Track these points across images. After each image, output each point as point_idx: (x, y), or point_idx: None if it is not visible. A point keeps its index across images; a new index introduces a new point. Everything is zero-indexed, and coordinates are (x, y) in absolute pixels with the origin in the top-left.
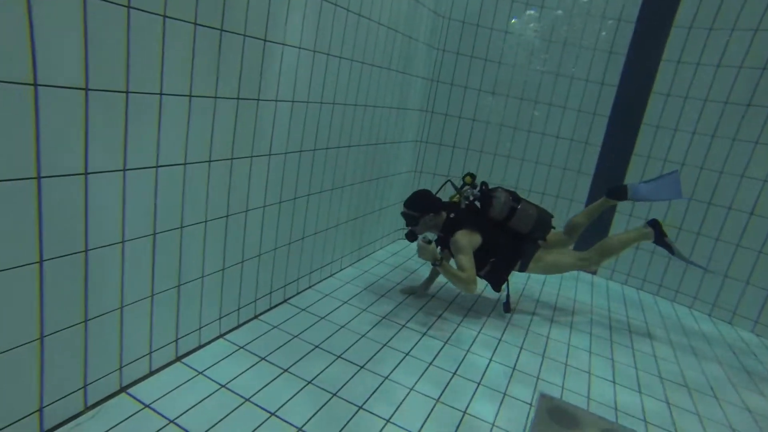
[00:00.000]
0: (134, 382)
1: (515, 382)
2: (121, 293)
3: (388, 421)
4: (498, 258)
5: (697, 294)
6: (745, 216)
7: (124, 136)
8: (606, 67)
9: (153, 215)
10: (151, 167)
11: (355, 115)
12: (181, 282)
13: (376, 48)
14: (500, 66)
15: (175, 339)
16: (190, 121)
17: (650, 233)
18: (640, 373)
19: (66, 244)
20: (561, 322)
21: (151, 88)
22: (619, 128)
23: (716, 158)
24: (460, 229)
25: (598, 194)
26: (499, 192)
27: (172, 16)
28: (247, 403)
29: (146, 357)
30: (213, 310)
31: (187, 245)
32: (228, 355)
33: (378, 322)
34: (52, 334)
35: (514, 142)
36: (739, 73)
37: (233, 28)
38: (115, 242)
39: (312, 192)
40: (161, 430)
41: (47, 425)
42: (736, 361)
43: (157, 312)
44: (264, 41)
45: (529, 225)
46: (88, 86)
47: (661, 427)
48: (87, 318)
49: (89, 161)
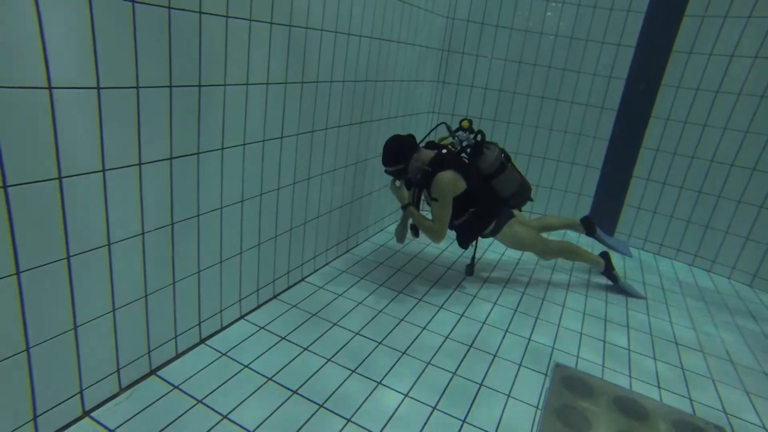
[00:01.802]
0: (163, 364)
1: (530, 353)
2: (144, 282)
3: (406, 395)
4: (477, 210)
5: (697, 252)
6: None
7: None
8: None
9: (170, 205)
10: (166, 159)
11: (366, 90)
12: (200, 268)
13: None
14: (512, 32)
15: (198, 322)
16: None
17: (602, 264)
18: (655, 339)
19: (86, 241)
20: (576, 286)
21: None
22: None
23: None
24: (447, 168)
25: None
26: (494, 146)
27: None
28: (270, 382)
29: (172, 341)
30: (233, 292)
31: (204, 232)
32: (249, 336)
33: (394, 297)
34: (84, 324)
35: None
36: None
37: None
38: (136, 234)
39: (325, 171)
40: (191, 409)
41: (88, 405)
42: (758, 328)
43: (179, 297)
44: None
45: (512, 188)
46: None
47: (674, 392)
48: (115, 308)
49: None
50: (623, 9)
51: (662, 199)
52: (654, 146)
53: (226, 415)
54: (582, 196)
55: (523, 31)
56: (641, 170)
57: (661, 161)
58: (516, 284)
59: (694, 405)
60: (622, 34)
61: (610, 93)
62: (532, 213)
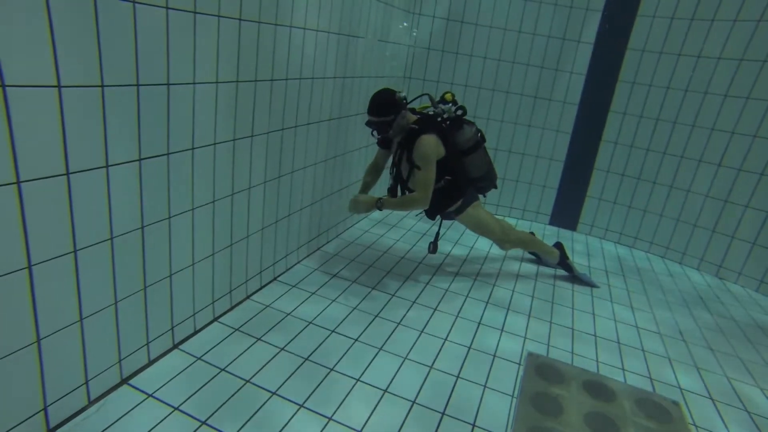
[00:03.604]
0: (134, 373)
1: (503, 343)
2: (114, 290)
3: (385, 390)
4: (452, 179)
5: (668, 244)
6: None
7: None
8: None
9: (140, 209)
10: (135, 161)
11: (334, 87)
12: (172, 272)
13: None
14: (477, 27)
15: (171, 327)
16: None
17: (557, 254)
18: (618, 324)
19: (48, 249)
20: (544, 277)
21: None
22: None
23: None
24: (431, 132)
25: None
26: (472, 123)
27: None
28: (248, 384)
29: (144, 347)
30: (206, 294)
31: (175, 234)
32: (224, 339)
33: (367, 294)
34: (48, 336)
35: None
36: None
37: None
38: (104, 239)
39: (296, 168)
40: (167, 417)
41: (53, 422)
42: (707, 311)
43: (151, 302)
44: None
45: (482, 170)
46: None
47: (638, 374)
48: (82, 317)
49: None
50: (582, 8)
51: (621, 191)
52: (613, 139)
53: (204, 421)
54: (547, 189)
55: (487, 27)
56: (602, 162)
57: (620, 153)
58: (487, 277)
59: (653, 383)
60: (581, 33)
61: (571, 89)
62: (498, 206)
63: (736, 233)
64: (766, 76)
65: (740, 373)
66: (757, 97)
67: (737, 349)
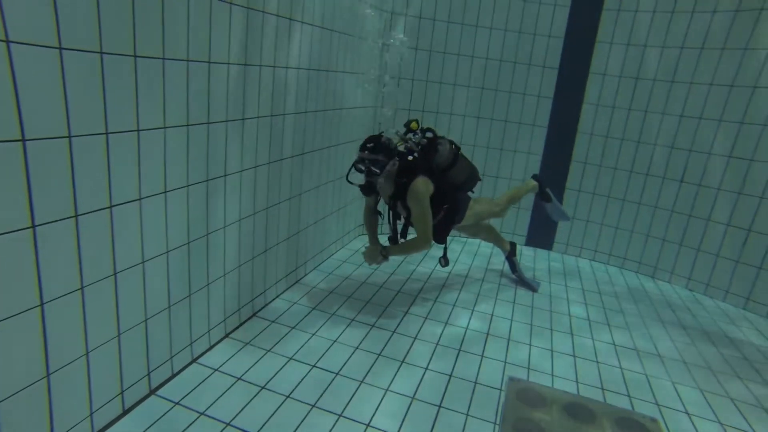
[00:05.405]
0: (161, 384)
1: (485, 367)
2: (144, 307)
3: (367, 425)
4: (449, 205)
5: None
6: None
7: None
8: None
9: (165, 233)
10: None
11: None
12: (191, 291)
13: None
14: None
15: (190, 343)
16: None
17: (536, 186)
18: (596, 343)
19: None
20: (522, 297)
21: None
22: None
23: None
24: (417, 176)
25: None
26: (442, 139)
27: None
28: (264, 390)
29: (168, 362)
30: (218, 312)
31: (195, 258)
32: (237, 351)
33: (363, 307)
34: (95, 349)
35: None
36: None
37: None
38: (136, 263)
39: (304, 190)
40: (195, 421)
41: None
42: (698, 324)
43: (174, 320)
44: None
45: (466, 174)
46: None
47: (617, 392)
48: (119, 332)
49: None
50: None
51: (593, 209)
52: (582, 159)
53: None
54: (521, 210)
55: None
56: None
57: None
58: (466, 303)
59: (632, 401)
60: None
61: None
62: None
63: (702, 246)
64: (737, 97)
65: (712, 386)
66: (728, 120)
67: (709, 362)
